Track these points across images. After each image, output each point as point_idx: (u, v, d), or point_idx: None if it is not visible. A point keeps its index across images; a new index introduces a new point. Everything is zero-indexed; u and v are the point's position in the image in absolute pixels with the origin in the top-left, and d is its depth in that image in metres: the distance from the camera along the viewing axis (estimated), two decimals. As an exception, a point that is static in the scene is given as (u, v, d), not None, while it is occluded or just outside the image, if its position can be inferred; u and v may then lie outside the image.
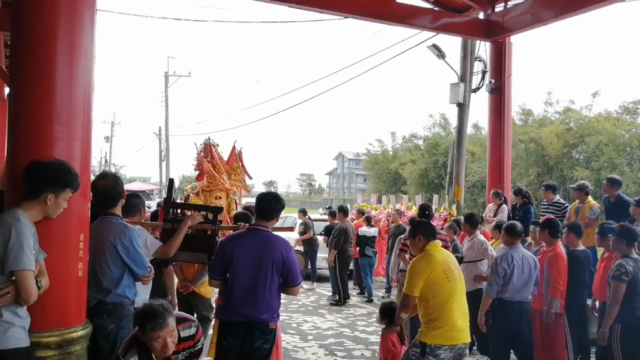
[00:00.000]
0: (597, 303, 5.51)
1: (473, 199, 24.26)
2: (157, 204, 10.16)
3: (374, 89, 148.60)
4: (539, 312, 5.52)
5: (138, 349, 2.82)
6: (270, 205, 3.89)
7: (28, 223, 2.86)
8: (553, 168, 22.95)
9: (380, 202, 13.32)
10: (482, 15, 9.81)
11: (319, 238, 11.80)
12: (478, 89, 11.24)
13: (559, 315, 5.46)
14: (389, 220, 10.58)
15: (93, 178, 3.75)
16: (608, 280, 4.90)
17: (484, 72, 10.70)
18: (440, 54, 11.56)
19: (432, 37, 11.19)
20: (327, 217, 11.90)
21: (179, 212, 4.50)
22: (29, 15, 3.32)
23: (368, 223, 10.70)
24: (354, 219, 11.38)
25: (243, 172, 6.29)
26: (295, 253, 4.14)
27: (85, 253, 3.40)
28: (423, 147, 30.15)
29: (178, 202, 5.53)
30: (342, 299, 9.79)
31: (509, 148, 10.09)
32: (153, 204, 17.98)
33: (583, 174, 20.11)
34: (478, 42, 10.88)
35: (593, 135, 21.63)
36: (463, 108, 11.92)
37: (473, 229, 6.78)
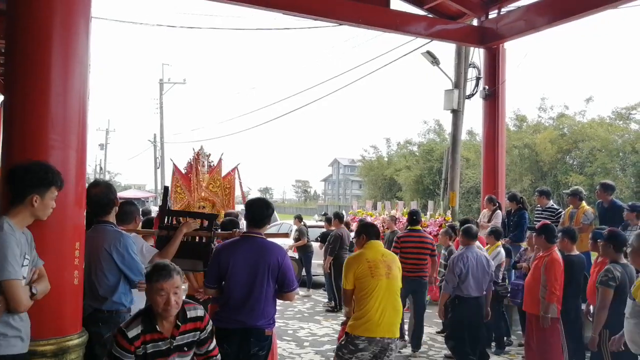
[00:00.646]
0: (591, 308, 5.53)
1: (468, 205, 24.26)
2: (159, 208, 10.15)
3: (369, 96, 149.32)
4: (536, 317, 5.54)
5: (142, 321, 2.85)
6: (262, 213, 3.94)
7: (13, 232, 2.77)
8: (547, 173, 22.99)
9: (376, 208, 13.33)
10: (475, 22, 9.90)
11: (314, 244, 11.79)
12: (472, 95, 11.28)
13: (556, 320, 5.48)
14: (384, 227, 10.59)
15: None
16: (596, 286, 4.90)
17: (478, 78, 10.75)
18: (435, 61, 11.60)
19: (426, 43, 11.24)
20: (322, 223, 11.90)
21: (174, 219, 4.50)
22: (24, 23, 3.30)
23: (347, 228, 10.71)
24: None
25: (240, 189, 6.41)
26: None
27: (81, 261, 3.39)
28: (418, 153, 30.15)
29: (173, 209, 5.56)
30: (338, 306, 9.76)
31: (503, 154, 10.15)
32: (154, 210, 17.71)
33: (577, 180, 20.16)
34: (472, 48, 10.93)
35: (586, 141, 21.69)
36: (457, 114, 11.95)
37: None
